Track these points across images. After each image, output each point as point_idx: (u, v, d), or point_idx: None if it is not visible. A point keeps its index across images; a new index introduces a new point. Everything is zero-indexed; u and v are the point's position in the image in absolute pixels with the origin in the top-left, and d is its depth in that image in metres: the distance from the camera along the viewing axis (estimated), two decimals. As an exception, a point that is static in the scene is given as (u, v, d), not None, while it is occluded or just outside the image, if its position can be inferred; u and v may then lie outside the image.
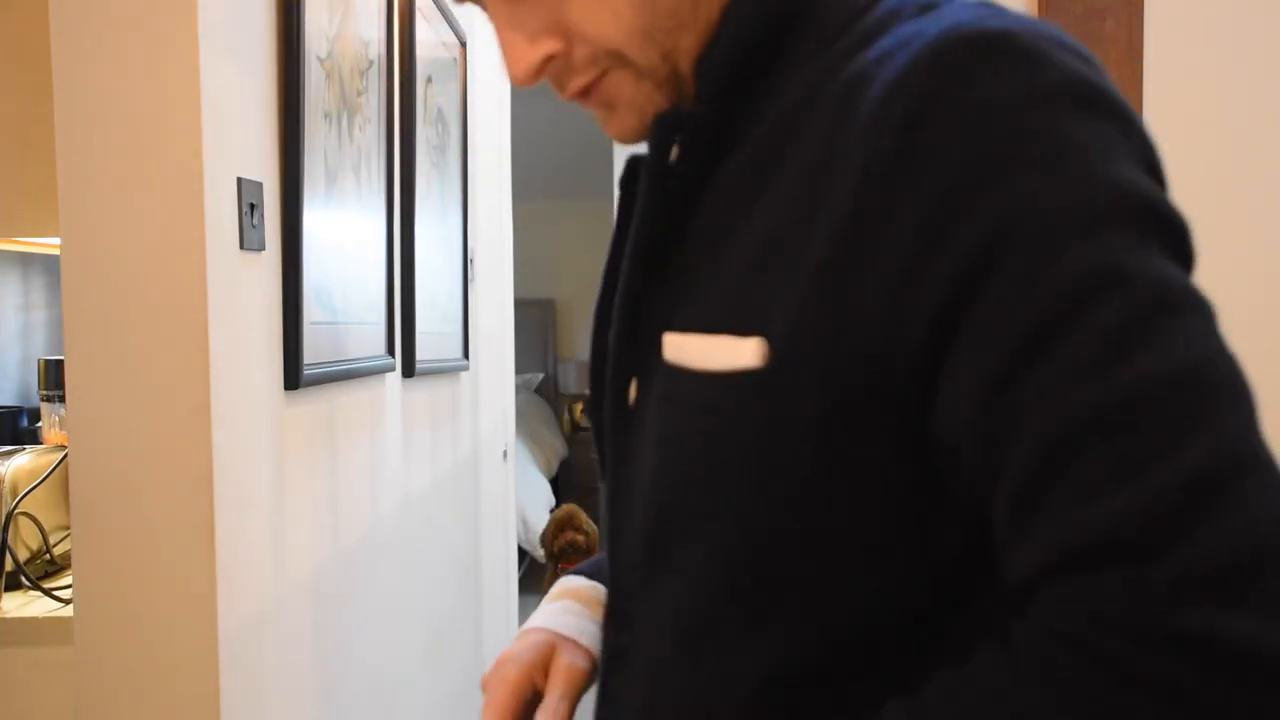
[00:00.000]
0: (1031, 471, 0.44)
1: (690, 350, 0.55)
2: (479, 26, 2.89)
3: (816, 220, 0.50)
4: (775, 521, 0.52)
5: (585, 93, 0.61)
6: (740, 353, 0.51)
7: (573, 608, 0.74)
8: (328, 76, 1.48)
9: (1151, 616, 0.39)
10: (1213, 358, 0.45)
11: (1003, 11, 0.52)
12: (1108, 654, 0.39)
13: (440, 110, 2.30)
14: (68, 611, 1.38)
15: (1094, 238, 0.45)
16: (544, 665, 0.69)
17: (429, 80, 2.17)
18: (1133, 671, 0.39)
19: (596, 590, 0.75)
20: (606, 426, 0.64)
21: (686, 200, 0.59)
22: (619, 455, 0.63)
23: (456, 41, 2.50)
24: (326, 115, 1.48)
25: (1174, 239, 0.49)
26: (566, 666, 0.68)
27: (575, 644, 0.71)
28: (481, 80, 2.90)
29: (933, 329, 0.47)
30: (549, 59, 0.59)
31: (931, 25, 0.49)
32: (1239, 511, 0.39)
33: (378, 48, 1.76)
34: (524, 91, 3.71)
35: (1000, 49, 0.48)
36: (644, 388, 0.60)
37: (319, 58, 1.44)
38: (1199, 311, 0.46)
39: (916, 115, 0.47)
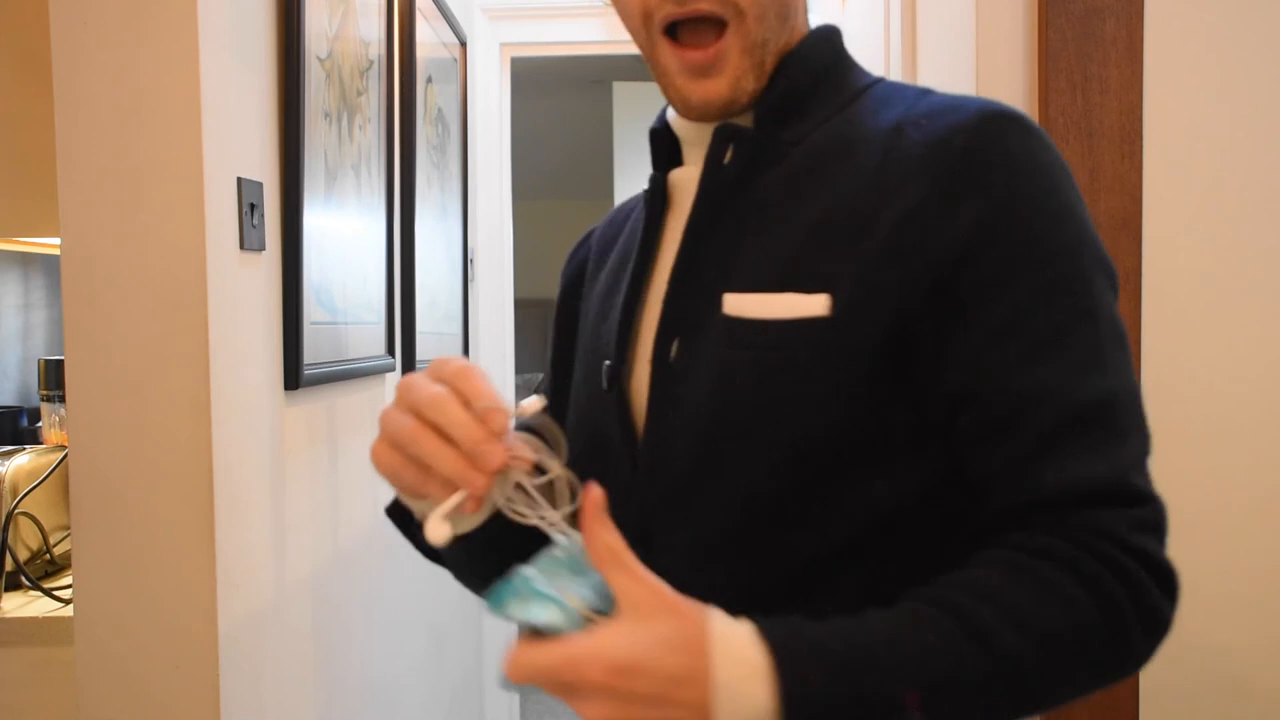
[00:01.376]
0: (1047, 435, 0.64)
1: (753, 306, 0.70)
2: (479, 27, 2.89)
3: (879, 213, 0.68)
4: (823, 430, 0.67)
5: (695, 25, 0.72)
6: (808, 305, 0.68)
7: None
8: (328, 76, 1.48)
9: (1134, 539, 0.63)
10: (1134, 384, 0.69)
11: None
12: (1123, 564, 0.62)
13: (440, 110, 2.30)
14: (68, 611, 1.38)
15: (1091, 278, 0.67)
16: None
17: (429, 80, 2.17)
18: (1133, 574, 0.62)
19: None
20: (648, 381, 0.75)
21: (733, 194, 0.75)
22: (660, 404, 0.74)
23: (456, 41, 2.50)
24: (326, 115, 1.48)
25: (1114, 284, 0.71)
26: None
27: None
28: (481, 80, 2.90)
29: (955, 300, 0.66)
30: None
31: (966, 101, 0.71)
32: (1152, 488, 0.66)
33: (378, 48, 1.76)
34: (524, 91, 3.72)
35: (1024, 123, 0.68)
36: (688, 343, 0.73)
37: (319, 58, 1.44)
38: (1127, 345, 0.69)
39: (974, 149, 0.67)
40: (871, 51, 1.80)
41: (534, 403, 0.65)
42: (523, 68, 3.39)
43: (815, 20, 0.79)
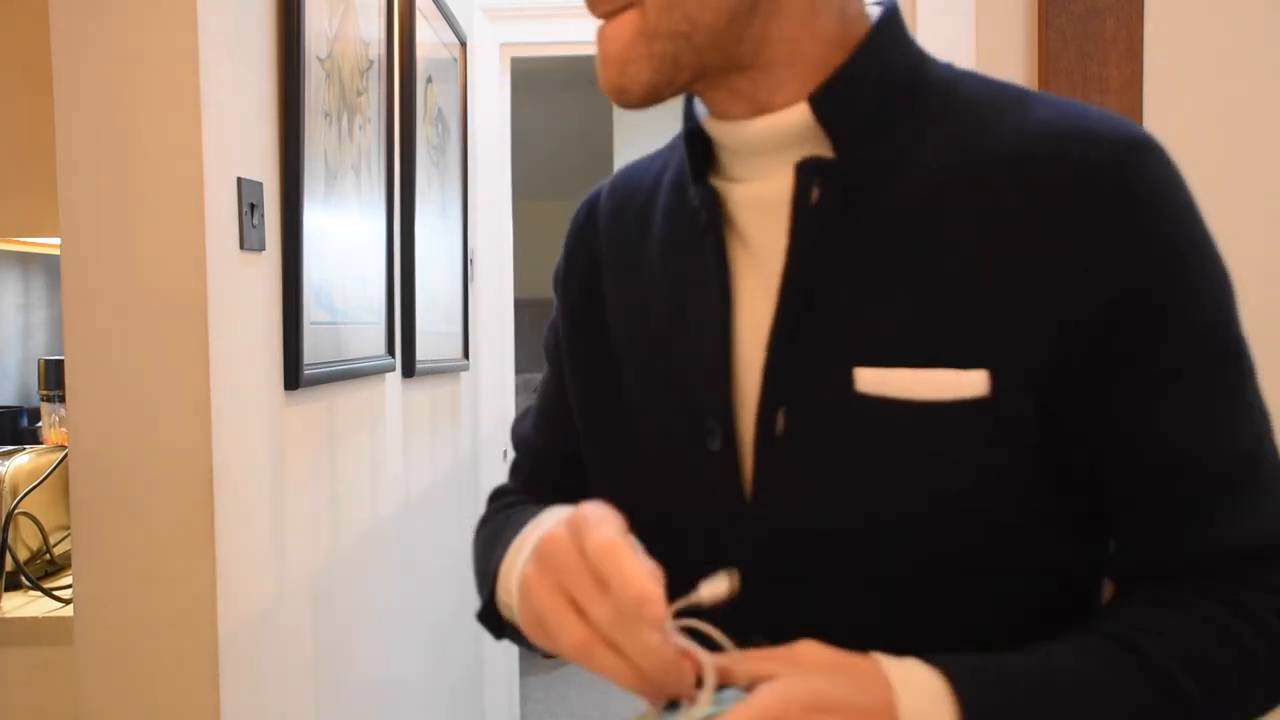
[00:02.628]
0: (1217, 490, 0.62)
1: (897, 383, 0.62)
2: (479, 27, 2.89)
3: (1022, 267, 0.61)
4: (993, 518, 0.62)
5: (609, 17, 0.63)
6: (966, 384, 0.61)
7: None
8: (328, 76, 1.48)
9: (1262, 585, 0.61)
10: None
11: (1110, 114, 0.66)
12: (1269, 625, 0.60)
13: (440, 110, 2.31)
14: (68, 611, 1.38)
15: (1233, 317, 0.65)
16: None
17: (429, 80, 2.17)
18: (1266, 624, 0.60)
19: None
20: (744, 456, 0.68)
21: (832, 240, 0.65)
22: (766, 485, 0.66)
23: (456, 41, 2.50)
24: (326, 115, 1.48)
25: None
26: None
27: None
28: (481, 80, 2.90)
29: (1109, 360, 0.61)
30: None
31: (1094, 122, 0.62)
32: None
33: (378, 48, 1.76)
34: (524, 91, 3.72)
35: (1162, 153, 0.63)
36: (798, 417, 0.65)
37: (319, 58, 1.44)
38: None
39: (1121, 190, 0.60)
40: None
41: (720, 585, 0.56)
42: (523, 68, 3.39)
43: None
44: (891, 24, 0.67)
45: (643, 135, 5.18)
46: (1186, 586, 0.62)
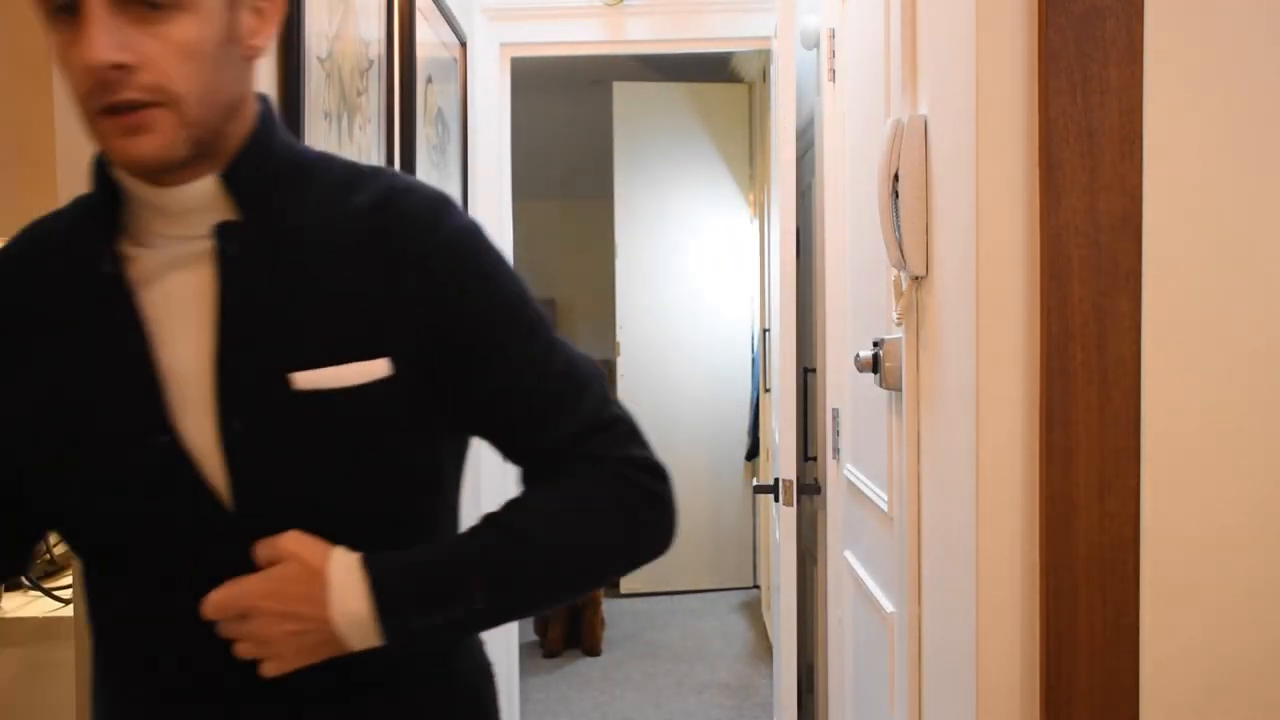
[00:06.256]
0: (543, 406, 0.92)
1: (322, 378, 0.86)
2: (479, 27, 2.89)
3: (381, 284, 0.87)
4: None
5: (128, 109, 0.78)
6: (374, 369, 0.86)
7: None
8: (328, 76, 1.48)
9: (617, 450, 0.92)
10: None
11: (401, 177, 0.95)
12: (614, 465, 0.91)
13: (440, 110, 2.30)
14: (68, 611, 1.38)
15: (526, 299, 0.95)
16: None
17: (429, 80, 2.17)
18: (621, 470, 0.91)
19: None
20: (217, 452, 0.86)
21: (252, 278, 0.86)
22: (243, 470, 0.87)
23: (456, 41, 2.50)
24: (326, 115, 1.48)
25: None
26: None
27: None
28: (481, 80, 2.90)
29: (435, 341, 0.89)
30: (118, 66, 0.76)
31: (399, 187, 0.91)
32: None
33: (378, 48, 1.76)
34: (524, 91, 3.71)
35: (447, 204, 0.93)
36: (251, 417, 0.88)
37: (319, 58, 1.44)
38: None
39: (436, 242, 0.90)
40: (872, 51, 1.81)
41: None
42: (523, 68, 3.39)
43: (818, 19, 0.79)
44: (270, 118, 0.89)
45: (643, 135, 5.18)
46: (552, 467, 0.91)
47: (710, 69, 5.15)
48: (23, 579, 1.47)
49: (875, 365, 1.61)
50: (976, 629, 1.15)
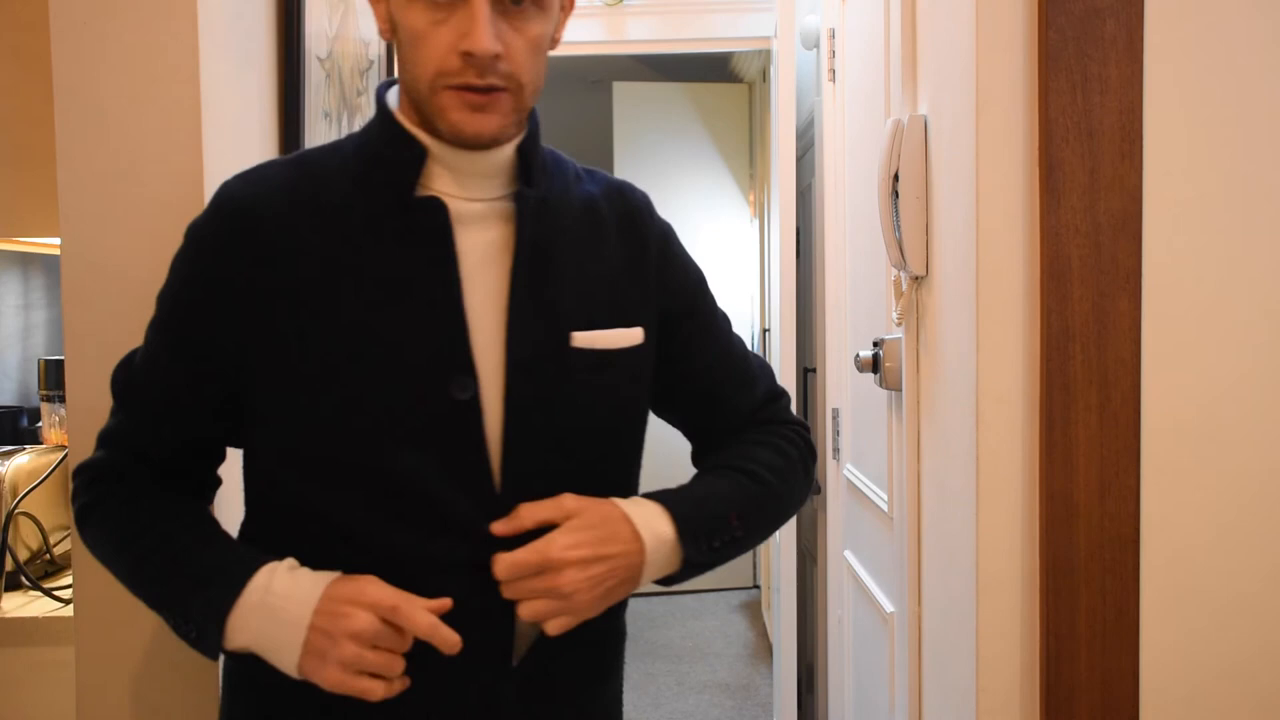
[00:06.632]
0: (741, 376, 1.07)
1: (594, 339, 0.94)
2: (479, 26, 2.89)
3: (638, 265, 0.99)
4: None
5: (489, 91, 0.85)
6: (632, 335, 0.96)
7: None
8: (328, 76, 1.48)
9: (779, 420, 1.07)
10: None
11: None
12: (790, 433, 1.06)
13: (440, 110, 2.30)
14: (68, 611, 1.38)
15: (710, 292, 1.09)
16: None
17: (429, 80, 2.17)
18: (798, 433, 1.07)
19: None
20: (501, 400, 0.90)
21: (541, 244, 0.94)
22: (521, 417, 0.93)
23: (456, 41, 2.49)
24: (326, 115, 1.48)
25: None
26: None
27: None
28: (481, 80, 2.89)
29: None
30: (496, 56, 0.84)
31: (618, 183, 1.04)
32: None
33: (378, 48, 1.76)
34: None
35: (650, 200, 1.06)
36: (538, 369, 0.95)
37: (319, 58, 1.44)
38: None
39: (659, 229, 1.04)
40: (872, 51, 1.81)
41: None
42: (523, 68, 3.39)
43: (818, 19, 0.80)
44: (534, 109, 0.96)
45: (642, 135, 5.18)
46: (748, 427, 1.05)
47: (710, 69, 5.15)
48: (22, 579, 1.47)
49: (875, 365, 1.61)
50: (976, 629, 1.15)
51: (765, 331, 4.54)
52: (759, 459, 1.01)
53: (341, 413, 0.86)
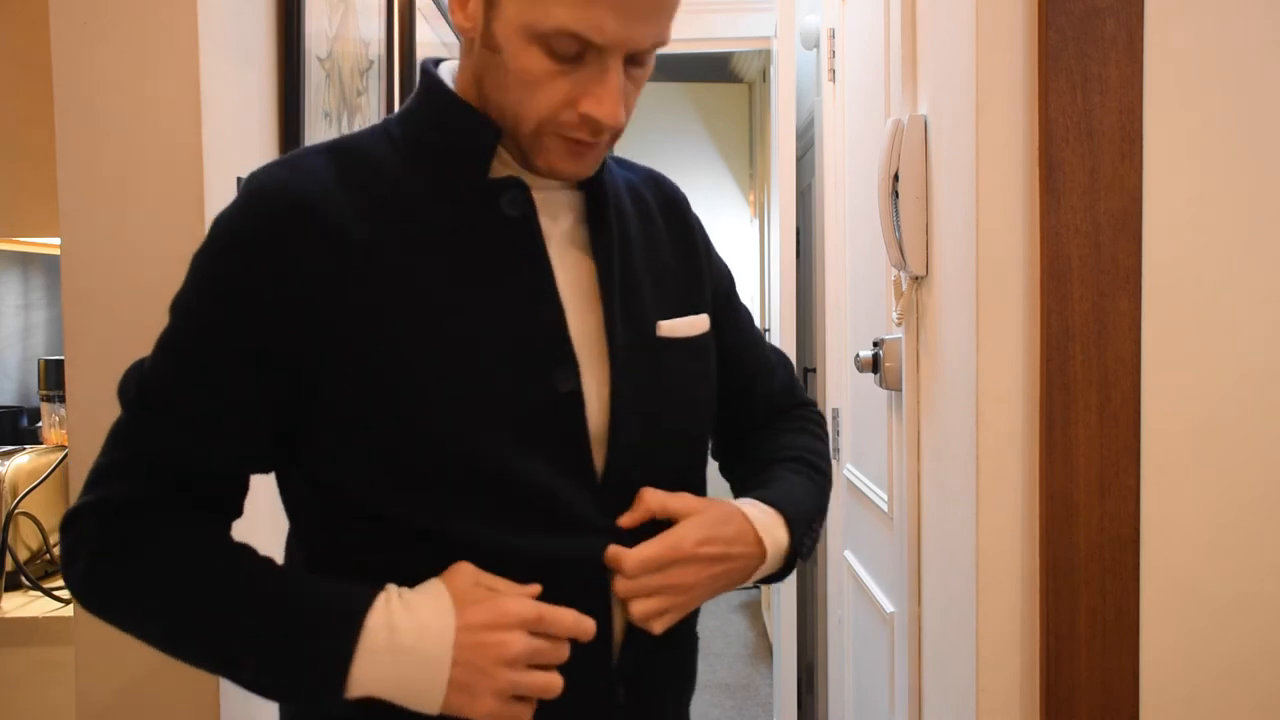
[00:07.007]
0: (768, 361, 1.09)
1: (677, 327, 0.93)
2: (479, 26, 2.89)
3: (690, 253, 0.99)
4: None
5: (593, 145, 0.83)
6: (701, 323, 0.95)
7: None
8: (328, 76, 1.48)
9: (801, 403, 1.10)
10: None
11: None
12: (815, 415, 1.09)
13: (440, 110, 2.30)
14: (68, 611, 1.38)
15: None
16: None
17: (429, 80, 2.17)
18: (821, 417, 1.09)
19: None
20: (607, 387, 0.87)
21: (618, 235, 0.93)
22: (624, 405, 0.90)
23: (456, 42, 2.50)
24: (326, 115, 1.48)
25: None
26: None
27: None
28: (481, 80, 2.89)
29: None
30: None
31: (646, 169, 1.02)
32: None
33: (378, 48, 1.76)
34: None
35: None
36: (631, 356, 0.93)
37: (319, 58, 1.44)
38: None
39: (697, 219, 1.04)
40: (872, 51, 1.81)
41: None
42: (523, 68, 3.38)
43: (818, 19, 0.80)
44: None
45: (642, 135, 5.18)
46: (778, 413, 1.06)
47: (710, 69, 5.15)
48: (22, 579, 1.47)
49: (875, 365, 1.61)
50: (976, 629, 1.15)
51: (765, 331, 4.54)
52: (805, 448, 1.01)
53: (434, 405, 0.78)
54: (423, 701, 0.75)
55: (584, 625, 0.79)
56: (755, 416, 1.06)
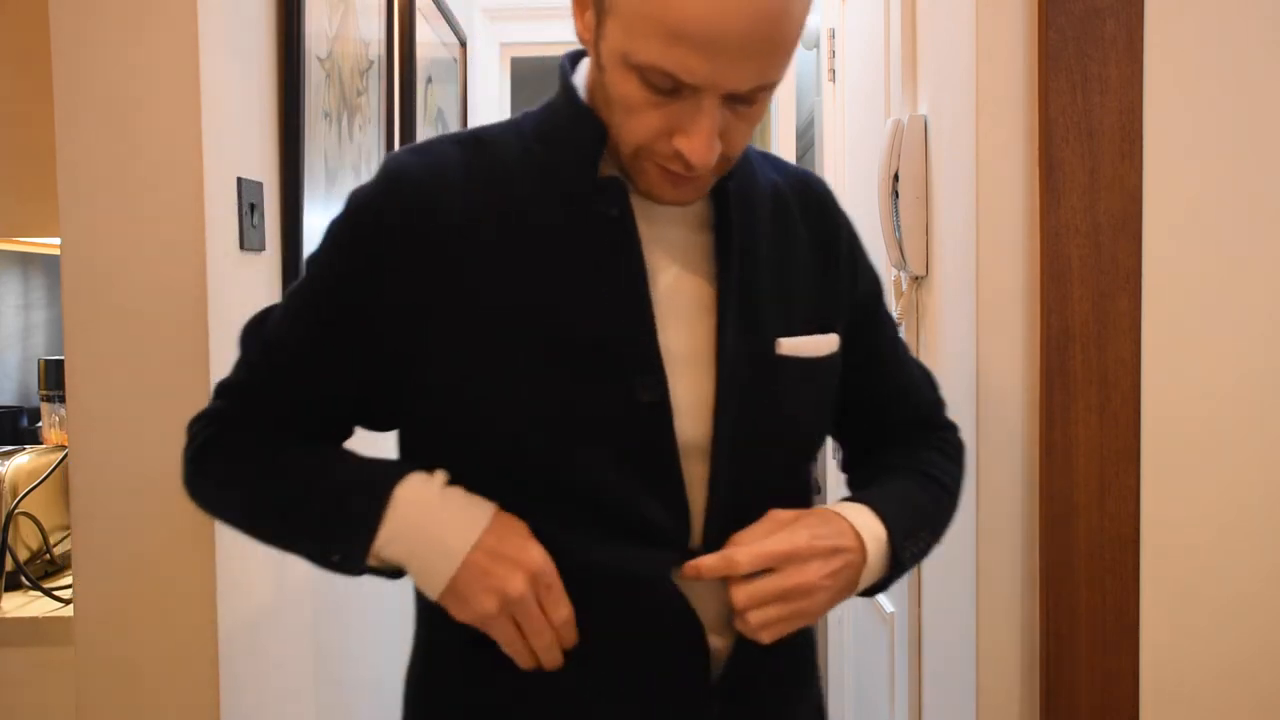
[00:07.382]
0: (917, 381, 1.01)
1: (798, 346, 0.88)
2: (479, 27, 2.89)
3: (832, 261, 0.93)
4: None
5: (690, 178, 0.79)
6: (829, 343, 0.89)
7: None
8: (328, 76, 1.48)
9: (940, 426, 1.02)
10: None
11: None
12: (954, 439, 1.00)
13: (440, 110, 2.31)
14: (68, 611, 1.38)
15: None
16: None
17: (429, 80, 2.17)
18: (960, 440, 1.01)
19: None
20: (712, 399, 0.84)
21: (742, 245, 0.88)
22: (725, 416, 0.86)
23: (456, 41, 2.50)
24: (326, 115, 1.48)
25: None
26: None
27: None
28: (481, 80, 2.90)
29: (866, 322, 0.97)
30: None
31: (798, 169, 0.96)
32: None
33: (378, 48, 1.76)
34: (524, 91, 3.72)
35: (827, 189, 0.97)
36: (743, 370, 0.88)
37: (319, 58, 1.44)
38: None
39: (847, 224, 0.96)
40: (872, 51, 1.80)
41: None
42: (522, 68, 3.39)
43: (818, 19, 0.80)
44: None
45: (643, 135, 5.17)
46: (922, 431, 0.99)
47: (710, 69, 5.14)
48: (22, 579, 1.47)
49: (875, 365, 1.61)
50: (976, 629, 1.15)
51: (765, 331, 4.53)
52: (940, 467, 0.96)
53: (507, 401, 0.79)
54: (428, 585, 0.82)
55: (566, 630, 0.80)
56: (889, 436, 0.99)
